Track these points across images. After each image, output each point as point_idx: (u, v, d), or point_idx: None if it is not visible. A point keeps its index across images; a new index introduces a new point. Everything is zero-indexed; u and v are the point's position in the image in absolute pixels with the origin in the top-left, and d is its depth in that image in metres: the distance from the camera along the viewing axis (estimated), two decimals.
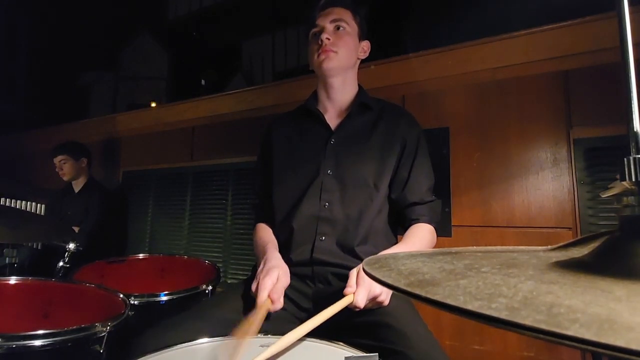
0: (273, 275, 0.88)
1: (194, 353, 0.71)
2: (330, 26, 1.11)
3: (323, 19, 1.12)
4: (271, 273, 0.88)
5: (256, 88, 2.29)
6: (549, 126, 1.44)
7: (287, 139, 1.19)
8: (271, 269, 0.90)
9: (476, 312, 0.24)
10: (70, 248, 1.40)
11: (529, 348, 1.35)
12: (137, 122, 2.79)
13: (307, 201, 1.06)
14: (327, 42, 1.09)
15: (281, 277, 0.89)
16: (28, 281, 1.13)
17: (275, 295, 0.84)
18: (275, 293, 0.84)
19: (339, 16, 1.12)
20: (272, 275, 0.88)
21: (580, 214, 1.35)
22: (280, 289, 0.87)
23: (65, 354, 0.82)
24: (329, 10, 1.13)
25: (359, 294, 0.81)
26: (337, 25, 1.11)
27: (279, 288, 0.86)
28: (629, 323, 0.21)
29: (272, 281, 0.87)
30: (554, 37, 1.45)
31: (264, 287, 0.85)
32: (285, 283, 0.90)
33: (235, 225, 2.21)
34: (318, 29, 1.12)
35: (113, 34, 3.36)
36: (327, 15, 1.12)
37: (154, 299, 1.14)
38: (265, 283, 0.86)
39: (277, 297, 0.84)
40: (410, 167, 1.09)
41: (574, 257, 0.37)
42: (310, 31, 1.14)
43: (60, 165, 2.48)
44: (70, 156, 2.49)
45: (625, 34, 0.38)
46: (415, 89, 1.73)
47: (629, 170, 0.35)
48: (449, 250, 0.45)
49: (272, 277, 0.87)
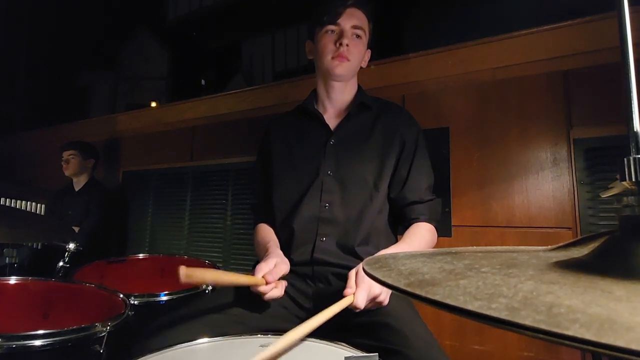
0: (270, 262, 0.89)
1: (194, 353, 0.71)
2: (350, 31, 1.08)
3: (345, 21, 1.08)
4: (269, 260, 0.90)
5: (256, 88, 2.29)
6: (549, 126, 1.44)
7: (286, 139, 1.19)
8: (269, 258, 0.91)
9: (476, 312, 0.24)
10: (70, 248, 1.40)
11: (529, 348, 1.35)
12: (137, 122, 2.79)
13: (308, 202, 1.06)
14: (346, 48, 1.07)
15: (279, 264, 0.90)
16: (28, 281, 1.13)
17: (270, 276, 0.85)
18: (271, 275, 0.85)
19: (360, 23, 1.10)
20: (270, 262, 0.89)
21: (580, 214, 1.35)
22: (277, 273, 0.87)
23: (65, 354, 0.82)
24: (351, 12, 1.09)
25: (359, 295, 0.81)
26: (356, 33, 1.09)
27: (275, 272, 0.87)
28: (629, 323, 0.21)
29: (268, 266, 0.88)
30: (554, 37, 1.45)
31: (260, 269, 0.86)
32: (283, 270, 0.90)
33: (235, 225, 2.21)
34: (338, 29, 1.09)
35: (113, 34, 3.36)
36: (349, 17, 1.08)
37: (154, 299, 1.14)
38: (261, 267, 0.87)
39: (272, 278, 0.85)
40: (409, 166, 1.09)
41: (574, 257, 0.37)
42: (326, 26, 1.09)
43: (68, 159, 2.51)
44: (80, 153, 2.52)
45: (625, 34, 0.38)
46: (415, 89, 1.73)
47: (629, 170, 0.35)
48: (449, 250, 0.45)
49: (269, 263, 0.88)
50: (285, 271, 0.91)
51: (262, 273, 0.86)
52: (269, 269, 0.87)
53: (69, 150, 2.51)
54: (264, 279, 0.85)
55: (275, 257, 0.92)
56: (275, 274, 0.86)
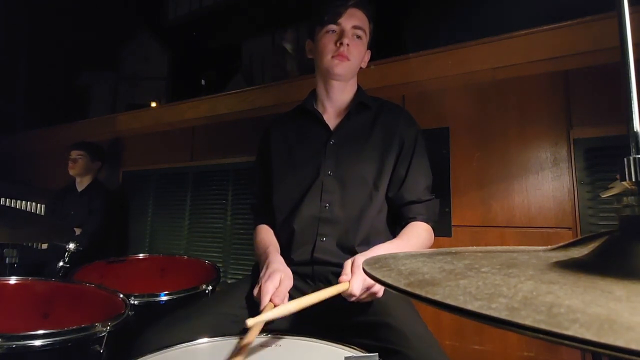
0: (275, 279, 0.86)
1: (194, 353, 0.71)
2: (350, 31, 1.09)
3: (346, 21, 1.08)
4: (273, 277, 0.87)
5: (256, 88, 2.29)
6: (549, 126, 1.44)
7: (286, 140, 1.19)
8: (273, 273, 0.88)
9: (476, 312, 0.24)
10: (70, 248, 1.40)
11: (529, 348, 1.35)
12: (137, 122, 2.79)
13: (308, 202, 1.06)
14: (346, 48, 1.07)
15: (284, 281, 0.88)
16: (28, 281, 1.13)
17: (277, 299, 0.83)
18: (278, 297, 0.83)
19: (360, 23, 1.10)
20: (275, 279, 0.87)
21: (580, 214, 1.35)
22: (283, 293, 0.85)
23: (65, 354, 0.82)
24: (352, 12, 1.09)
25: (355, 282, 0.81)
26: (356, 33, 1.09)
27: (282, 292, 0.85)
28: (629, 323, 0.21)
29: (274, 285, 0.85)
30: (554, 37, 1.45)
31: (267, 291, 0.84)
32: (288, 286, 0.88)
33: (235, 225, 2.21)
34: (338, 29, 1.09)
35: (113, 34, 3.36)
36: (350, 17, 1.08)
37: (154, 299, 1.14)
38: (268, 287, 0.84)
39: (279, 300, 0.83)
40: (407, 166, 1.09)
41: (574, 257, 0.37)
42: (326, 26, 1.09)
43: (76, 158, 2.51)
44: (88, 154, 2.53)
45: (625, 34, 0.38)
46: (415, 89, 1.73)
47: (629, 170, 0.35)
48: (449, 250, 0.45)
49: (274, 281, 0.86)
50: (290, 286, 0.90)
51: (269, 295, 0.83)
52: (274, 288, 0.85)
53: (78, 150, 2.51)
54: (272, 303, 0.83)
55: (278, 272, 0.89)
56: (281, 295, 0.84)
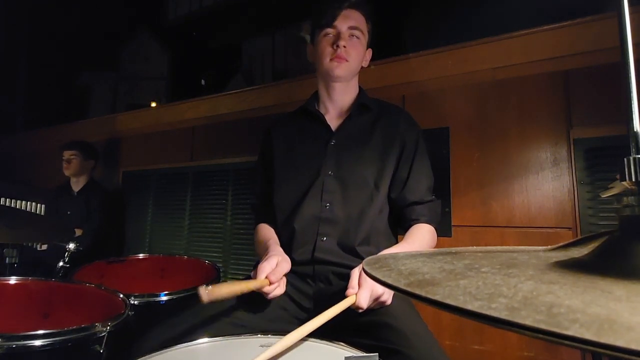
0: (272, 261, 0.89)
1: (194, 353, 0.71)
2: (347, 32, 1.09)
3: (341, 23, 1.09)
4: (270, 259, 0.89)
5: (256, 88, 2.29)
6: (549, 126, 1.44)
7: (287, 140, 1.19)
8: (271, 257, 0.91)
9: (476, 312, 0.24)
10: (70, 248, 1.40)
11: (529, 348, 1.35)
12: (137, 122, 2.79)
13: (309, 202, 1.06)
14: (343, 50, 1.08)
15: (281, 263, 0.90)
16: (28, 281, 1.14)
17: (273, 276, 0.85)
18: (274, 275, 0.85)
19: (357, 23, 1.10)
20: (271, 261, 0.89)
21: (580, 214, 1.35)
22: (279, 272, 0.87)
23: (65, 354, 0.82)
24: (347, 13, 1.09)
25: (362, 295, 0.81)
26: (353, 33, 1.10)
27: (278, 271, 0.87)
28: (629, 323, 0.21)
29: (270, 266, 0.87)
30: (554, 37, 1.45)
31: (263, 269, 0.86)
32: (285, 268, 0.90)
33: (235, 225, 2.21)
34: (334, 31, 1.09)
35: (113, 34, 3.36)
36: (345, 18, 1.09)
37: (154, 299, 1.14)
38: (264, 266, 0.87)
39: (275, 278, 0.85)
40: (409, 167, 1.09)
41: (574, 257, 0.37)
42: (324, 29, 1.10)
43: (70, 158, 2.50)
44: (81, 153, 2.52)
45: (625, 34, 0.38)
46: (415, 89, 1.73)
47: (629, 170, 0.35)
48: (449, 250, 0.45)
49: (270, 262, 0.88)
50: (287, 269, 0.92)
51: (265, 273, 0.86)
52: (271, 268, 0.87)
53: (70, 150, 2.51)
54: (268, 279, 0.85)
55: (276, 256, 0.91)
56: (277, 274, 0.86)
